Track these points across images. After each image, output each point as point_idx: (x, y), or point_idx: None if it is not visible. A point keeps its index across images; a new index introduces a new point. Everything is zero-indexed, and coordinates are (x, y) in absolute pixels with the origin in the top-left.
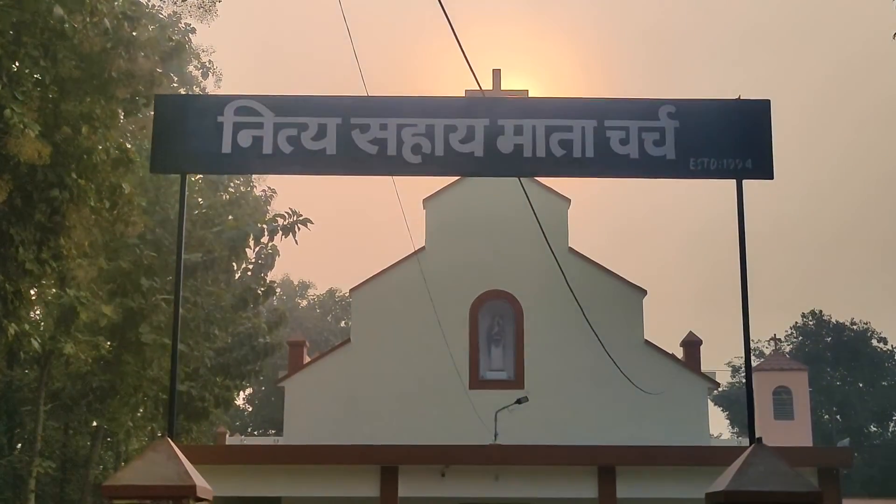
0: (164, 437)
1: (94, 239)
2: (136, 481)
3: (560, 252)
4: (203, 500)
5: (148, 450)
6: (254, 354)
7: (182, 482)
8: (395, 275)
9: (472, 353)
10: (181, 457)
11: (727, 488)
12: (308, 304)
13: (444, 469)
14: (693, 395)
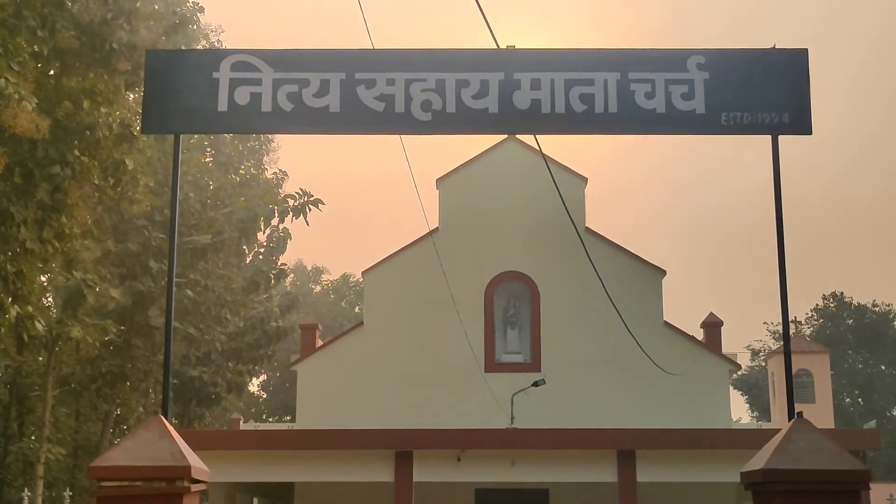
0: (156, 416)
1: (99, 218)
2: (126, 462)
3: (577, 232)
4: (199, 481)
5: (139, 429)
6: (266, 339)
7: (175, 462)
8: (409, 257)
9: (488, 335)
10: (175, 436)
11: (765, 466)
12: (322, 290)
13: (459, 454)
14: (714, 377)
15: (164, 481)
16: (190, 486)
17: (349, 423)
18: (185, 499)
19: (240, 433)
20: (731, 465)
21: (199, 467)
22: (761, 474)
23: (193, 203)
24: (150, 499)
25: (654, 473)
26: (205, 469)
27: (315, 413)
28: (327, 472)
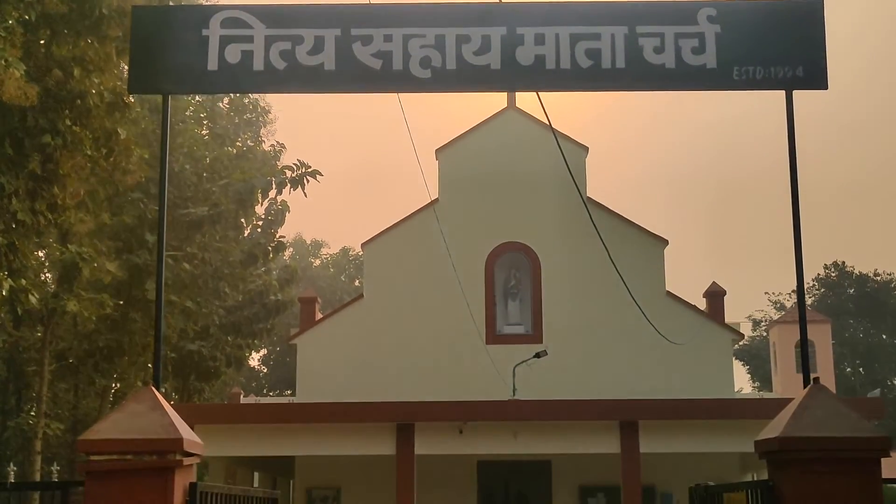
0: (147, 387)
1: (93, 190)
2: (115, 434)
3: (578, 202)
4: (192, 454)
5: (129, 400)
6: (265, 312)
7: (167, 435)
8: (409, 228)
9: (489, 307)
10: (166, 407)
11: (782, 434)
12: (321, 264)
13: (461, 426)
14: (717, 347)
15: (156, 455)
16: (182, 460)
17: (350, 397)
18: (177, 472)
19: (239, 407)
20: (734, 435)
21: (192, 440)
22: (777, 443)
23: (189, 175)
24: (141, 473)
25: (657, 444)
26: (198, 442)
27: (315, 386)
28: (328, 445)
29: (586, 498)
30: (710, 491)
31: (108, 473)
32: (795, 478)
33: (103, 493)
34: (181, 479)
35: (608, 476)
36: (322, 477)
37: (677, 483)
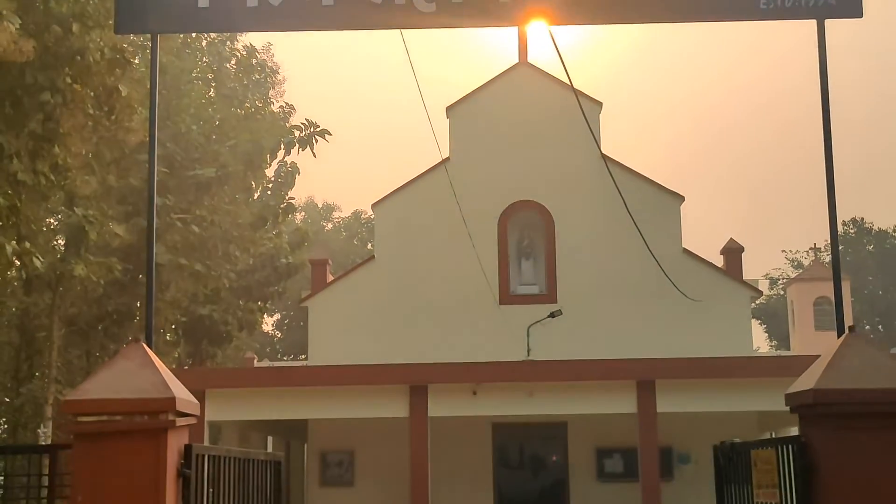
0: (137, 343)
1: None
2: (103, 394)
3: (592, 158)
4: (187, 414)
5: (118, 357)
6: (276, 275)
7: (159, 394)
8: (420, 188)
9: (502, 267)
10: (158, 365)
11: (816, 387)
12: (333, 228)
13: (475, 387)
14: (735, 304)
15: (147, 415)
16: (175, 420)
17: (362, 359)
18: (170, 434)
19: (251, 371)
20: (752, 394)
21: (186, 399)
22: (811, 395)
23: (196, 136)
24: (132, 434)
25: (675, 403)
26: (193, 401)
27: (328, 349)
28: (341, 408)
29: (602, 459)
30: (736, 449)
31: (97, 435)
32: (830, 433)
33: (92, 457)
34: (175, 440)
35: (624, 437)
36: (335, 440)
37: (694, 443)
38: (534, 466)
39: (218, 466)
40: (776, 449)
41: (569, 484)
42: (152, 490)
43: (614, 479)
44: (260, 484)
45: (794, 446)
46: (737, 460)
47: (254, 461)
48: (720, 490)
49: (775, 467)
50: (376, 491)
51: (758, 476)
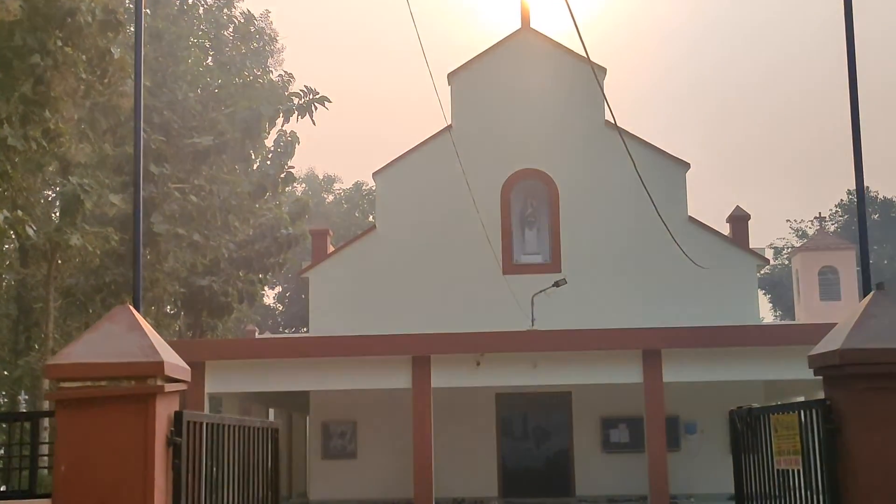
0: (123, 305)
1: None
2: (88, 358)
3: (596, 126)
4: (177, 380)
5: (104, 321)
6: (276, 246)
7: (146, 358)
8: (421, 156)
9: (505, 236)
10: (146, 328)
11: (843, 346)
12: (334, 199)
13: (479, 358)
14: (742, 273)
15: (134, 380)
16: (164, 386)
17: (364, 330)
18: (158, 400)
19: (251, 341)
20: (759, 363)
21: (176, 364)
22: (838, 355)
23: (194, 104)
24: (118, 401)
25: (681, 373)
26: (182, 366)
27: (329, 320)
28: (343, 380)
29: (608, 429)
30: (754, 414)
31: (81, 402)
32: (858, 395)
33: (76, 424)
34: (164, 407)
35: (630, 407)
36: (338, 412)
37: (701, 413)
38: (538, 437)
39: (211, 434)
40: (799, 413)
41: (573, 454)
42: (140, 459)
43: (619, 449)
44: (256, 452)
45: (818, 410)
46: (755, 426)
47: (250, 429)
48: (737, 458)
49: (798, 433)
50: (379, 463)
51: (778, 442)
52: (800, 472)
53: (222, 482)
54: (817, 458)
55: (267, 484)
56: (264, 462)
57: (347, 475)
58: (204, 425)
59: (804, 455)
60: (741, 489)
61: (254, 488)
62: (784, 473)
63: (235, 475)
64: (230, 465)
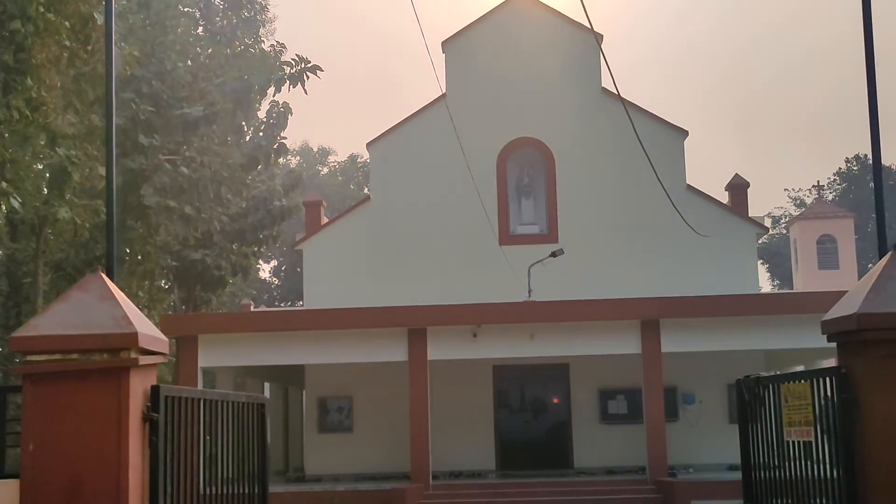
0: (95, 273)
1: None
2: (57, 330)
3: (592, 93)
4: (153, 352)
5: (74, 289)
6: (270, 219)
7: (119, 329)
8: (416, 126)
9: (501, 206)
10: (119, 297)
11: (861, 311)
12: (329, 172)
13: (475, 329)
14: (740, 241)
15: (106, 353)
16: (138, 359)
17: (359, 302)
18: (133, 374)
19: (245, 315)
20: (759, 332)
21: (151, 335)
22: (855, 320)
23: (183, 74)
24: (89, 375)
25: (680, 343)
26: (160, 338)
27: (324, 293)
28: (338, 353)
29: (606, 401)
30: (762, 383)
31: (50, 376)
32: (876, 362)
33: (44, 400)
34: (139, 381)
35: (628, 378)
36: (333, 386)
37: (700, 384)
38: (535, 409)
39: (192, 410)
40: (811, 382)
41: (571, 426)
42: (113, 437)
43: (618, 420)
44: (242, 427)
45: (833, 378)
46: (763, 396)
47: (234, 404)
48: (744, 430)
49: (810, 402)
50: (376, 437)
51: (789, 413)
52: (812, 445)
53: (205, 459)
54: (832, 430)
55: (255, 459)
56: (251, 437)
57: (344, 449)
58: (183, 400)
59: (817, 427)
60: (748, 461)
61: (240, 464)
62: (795, 445)
63: (219, 451)
64: (213, 441)
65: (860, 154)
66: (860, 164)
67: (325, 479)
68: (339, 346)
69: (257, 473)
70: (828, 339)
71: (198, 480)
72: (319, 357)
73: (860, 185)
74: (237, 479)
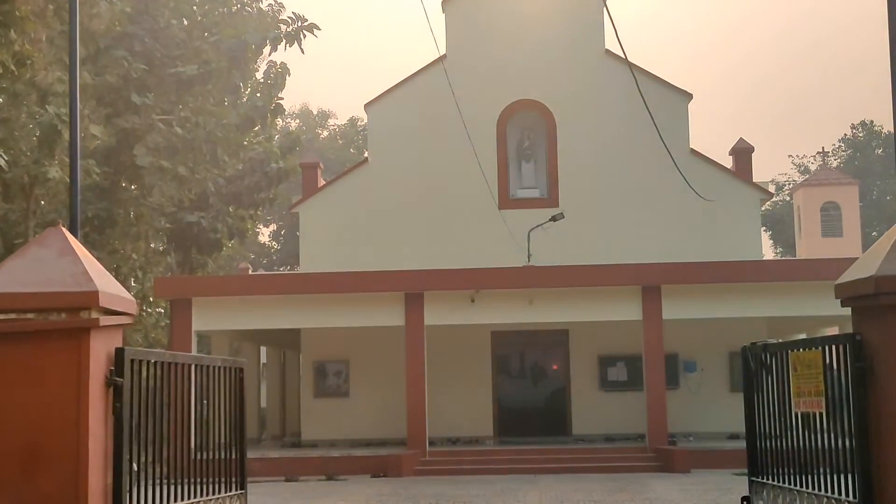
0: (55, 227)
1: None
2: (11, 287)
3: (595, 55)
4: (118, 312)
5: (32, 245)
6: (266, 181)
7: (79, 287)
8: (415, 87)
9: (501, 169)
10: (80, 253)
11: (878, 273)
12: (329, 135)
13: (473, 294)
14: (745, 206)
15: (65, 312)
16: (99, 319)
17: (356, 266)
18: (93, 335)
19: (239, 277)
20: (763, 299)
21: (115, 294)
22: (873, 283)
23: (177, 32)
24: (47, 336)
25: (681, 310)
26: (125, 297)
27: (320, 256)
28: (334, 317)
29: (606, 368)
30: (769, 350)
31: (4, 337)
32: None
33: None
34: (102, 343)
35: (628, 345)
36: (330, 350)
37: (700, 351)
38: (534, 375)
39: (161, 375)
40: (823, 350)
41: (570, 393)
42: (72, 403)
43: (617, 387)
44: (218, 393)
45: (846, 345)
46: (770, 364)
47: (209, 368)
48: (749, 400)
49: (821, 371)
50: (372, 402)
51: (798, 382)
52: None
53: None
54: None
55: (232, 426)
56: (227, 403)
57: (340, 414)
58: (151, 364)
59: (827, 397)
60: (753, 433)
61: (214, 432)
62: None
63: (192, 419)
64: (184, 407)
65: (866, 120)
66: (865, 131)
67: (321, 444)
68: (336, 310)
69: (235, 439)
70: (841, 303)
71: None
72: (315, 321)
73: (865, 152)
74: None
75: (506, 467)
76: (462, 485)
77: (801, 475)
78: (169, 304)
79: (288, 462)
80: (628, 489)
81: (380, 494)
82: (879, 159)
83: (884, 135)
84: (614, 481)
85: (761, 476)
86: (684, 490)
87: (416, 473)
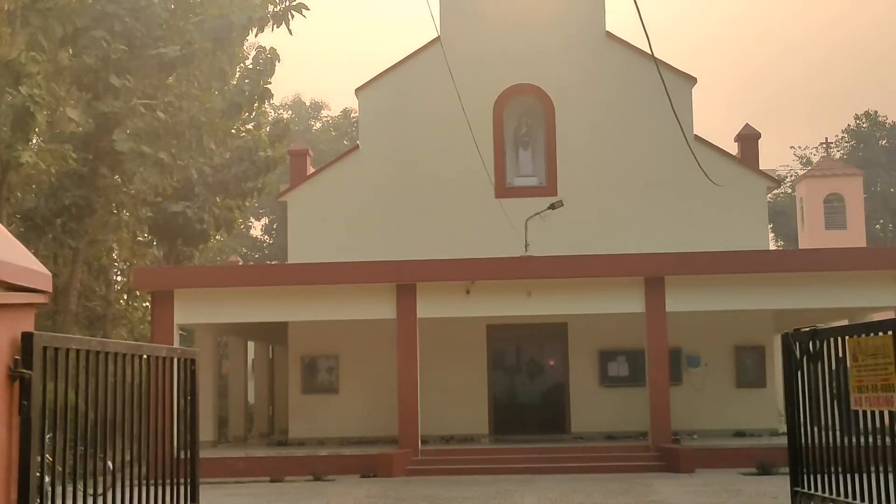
0: None
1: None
2: None
3: (595, 38)
4: (26, 289)
5: None
6: (254, 170)
7: None
8: (408, 71)
9: (498, 157)
10: None
11: None
12: (322, 127)
13: (468, 286)
14: (751, 195)
15: None
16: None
17: (346, 256)
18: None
19: (223, 268)
20: (769, 291)
21: (20, 266)
22: None
23: (159, 11)
24: None
25: (686, 302)
26: (38, 270)
27: (309, 247)
28: (322, 310)
29: (606, 362)
30: (819, 336)
31: None
32: None
33: None
34: (5, 327)
35: (630, 339)
36: (319, 345)
37: (705, 345)
38: (531, 371)
39: (87, 367)
40: (894, 334)
41: (569, 389)
42: None
43: (618, 383)
44: (163, 387)
45: None
46: (820, 352)
47: (150, 359)
48: (791, 396)
49: (892, 361)
50: (362, 399)
51: (858, 374)
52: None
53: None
54: None
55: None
56: (175, 400)
57: (329, 411)
58: (69, 353)
59: None
60: (796, 435)
61: (158, 432)
62: (865, 416)
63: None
64: (116, 404)
65: (870, 110)
66: (870, 121)
67: (308, 442)
68: (325, 302)
69: (187, 439)
70: None
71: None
72: (303, 314)
73: (869, 143)
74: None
75: (501, 467)
76: (455, 486)
77: (860, 487)
78: (150, 296)
79: (274, 461)
80: (631, 491)
81: (369, 496)
82: (884, 150)
83: (888, 125)
84: (616, 482)
85: (806, 486)
86: (691, 492)
87: (408, 473)
